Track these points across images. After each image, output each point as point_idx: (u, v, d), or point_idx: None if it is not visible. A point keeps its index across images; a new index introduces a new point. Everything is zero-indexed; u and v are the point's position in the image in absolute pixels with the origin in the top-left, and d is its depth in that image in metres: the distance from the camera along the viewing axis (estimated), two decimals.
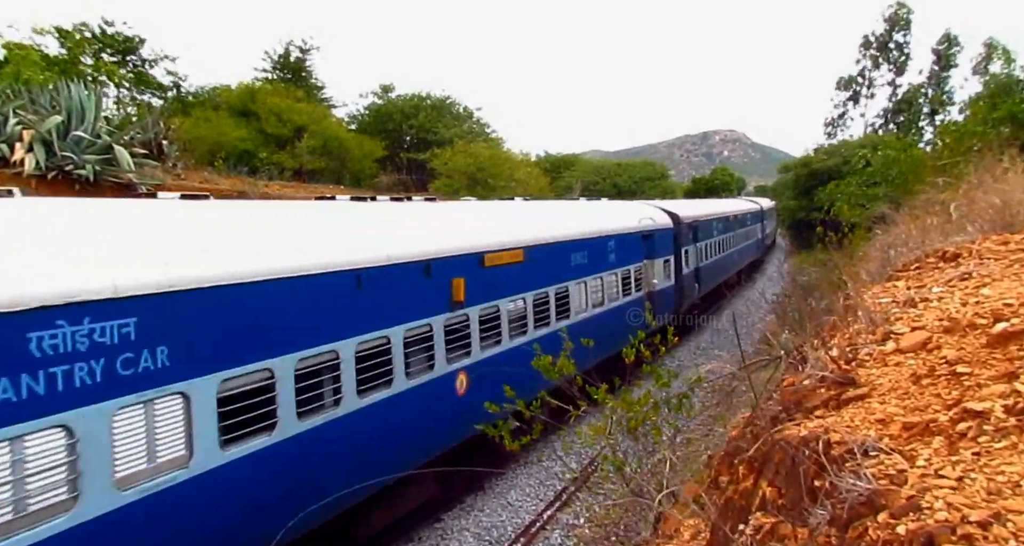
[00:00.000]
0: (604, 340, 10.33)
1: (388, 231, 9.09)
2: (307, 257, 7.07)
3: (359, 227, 8.86)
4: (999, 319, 3.18)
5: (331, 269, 7.28)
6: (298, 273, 6.80)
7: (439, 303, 9.26)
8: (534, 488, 11.51)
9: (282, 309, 6.58)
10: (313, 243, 7.54)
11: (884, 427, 2.65)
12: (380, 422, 7.92)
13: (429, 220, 10.66)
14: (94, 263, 5.19)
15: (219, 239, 6.56)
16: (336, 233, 8.23)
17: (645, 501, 5.12)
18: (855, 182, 26.32)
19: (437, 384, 9.11)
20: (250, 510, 6.28)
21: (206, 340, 5.80)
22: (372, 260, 7.96)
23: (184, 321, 5.60)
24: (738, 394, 10.04)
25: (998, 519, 1.86)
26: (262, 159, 29.34)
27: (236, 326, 6.10)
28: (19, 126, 15.57)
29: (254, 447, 6.20)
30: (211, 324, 5.86)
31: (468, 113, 44.59)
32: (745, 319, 24.61)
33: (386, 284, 8.14)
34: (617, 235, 15.82)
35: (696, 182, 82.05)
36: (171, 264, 5.67)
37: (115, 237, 5.72)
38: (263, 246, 6.84)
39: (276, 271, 6.57)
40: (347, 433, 7.39)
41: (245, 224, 7.32)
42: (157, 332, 5.37)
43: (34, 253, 5.01)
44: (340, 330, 7.32)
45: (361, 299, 7.68)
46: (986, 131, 15.01)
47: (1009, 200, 6.42)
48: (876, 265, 8.26)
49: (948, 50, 51.79)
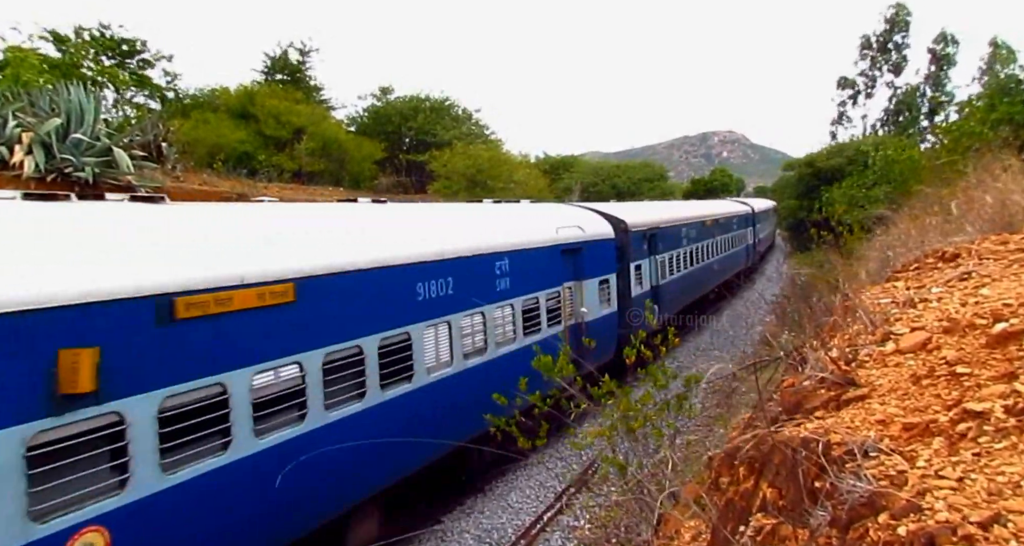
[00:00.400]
0: (485, 404, 7.23)
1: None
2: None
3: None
4: (998, 319, 3.18)
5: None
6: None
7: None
8: (534, 490, 11.51)
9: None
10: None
11: (884, 428, 2.66)
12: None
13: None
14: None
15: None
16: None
17: (646, 501, 5.12)
18: (855, 183, 26.35)
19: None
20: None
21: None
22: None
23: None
24: (738, 394, 10.05)
25: (998, 520, 1.86)
26: (261, 161, 29.35)
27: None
28: (18, 129, 15.59)
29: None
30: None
31: (467, 115, 44.62)
32: (745, 320, 24.61)
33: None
34: (517, 251, 11.66)
35: (695, 183, 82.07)
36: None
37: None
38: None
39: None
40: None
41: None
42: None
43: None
44: None
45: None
46: (984, 131, 15.03)
47: (1007, 200, 6.43)
48: (875, 265, 8.27)
49: (944, 49, 51.64)
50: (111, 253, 5.73)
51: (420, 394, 8.93)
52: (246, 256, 6.77)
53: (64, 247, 5.49)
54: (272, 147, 31.34)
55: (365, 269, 8.14)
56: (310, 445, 6.92)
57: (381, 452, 8.07)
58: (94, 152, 16.28)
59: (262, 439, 6.50)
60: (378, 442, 7.63)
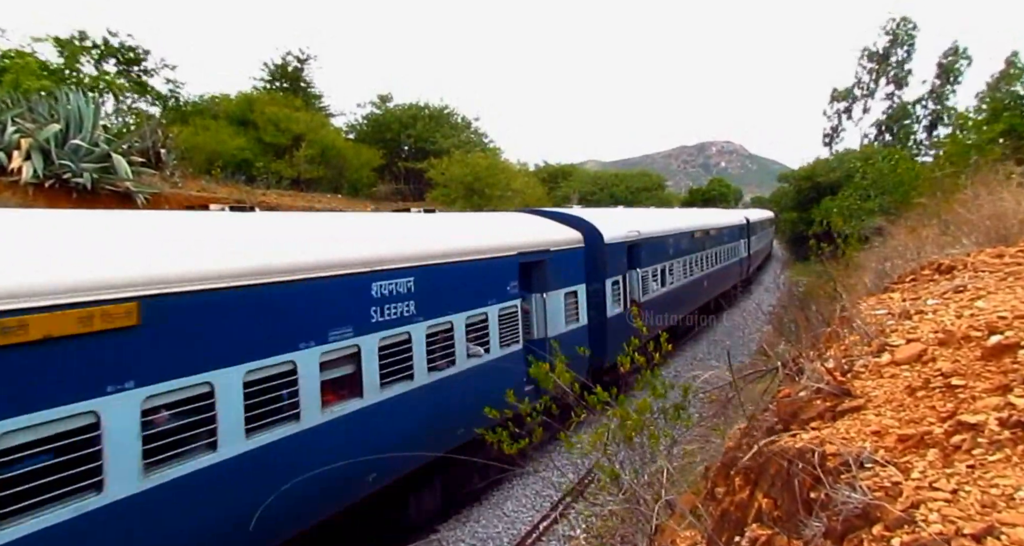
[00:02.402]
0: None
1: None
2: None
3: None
4: (993, 332, 3.20)
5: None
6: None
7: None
8: (530, 499, 11.48)
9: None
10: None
11: (879, 439, 2.66)
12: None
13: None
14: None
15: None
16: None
17: (642, 511, 5.11)
18: (852, 195, 26.43)
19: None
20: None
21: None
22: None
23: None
24: (734, 404, 10.02)
25: (992, 532, 1.87)
26: (259, 168, 29.39)
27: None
28: (17, 134, 15.60)
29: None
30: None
31: (466, 123, 44.77)
32: (742, 330, 24.62)
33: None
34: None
35: (693, 193, 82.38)
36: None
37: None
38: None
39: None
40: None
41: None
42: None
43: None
44: None
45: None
46: (983, 145, 15.11)
47: (1003, 213, 6.47)
48: (872, 277, 8.29)
49: (955, 63, 50.93)
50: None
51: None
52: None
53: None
54: (271, 154, 31.39)
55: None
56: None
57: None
58: (93, 158, 16.30)
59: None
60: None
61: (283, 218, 10.08)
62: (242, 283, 6.73)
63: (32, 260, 5.38)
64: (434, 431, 9.34)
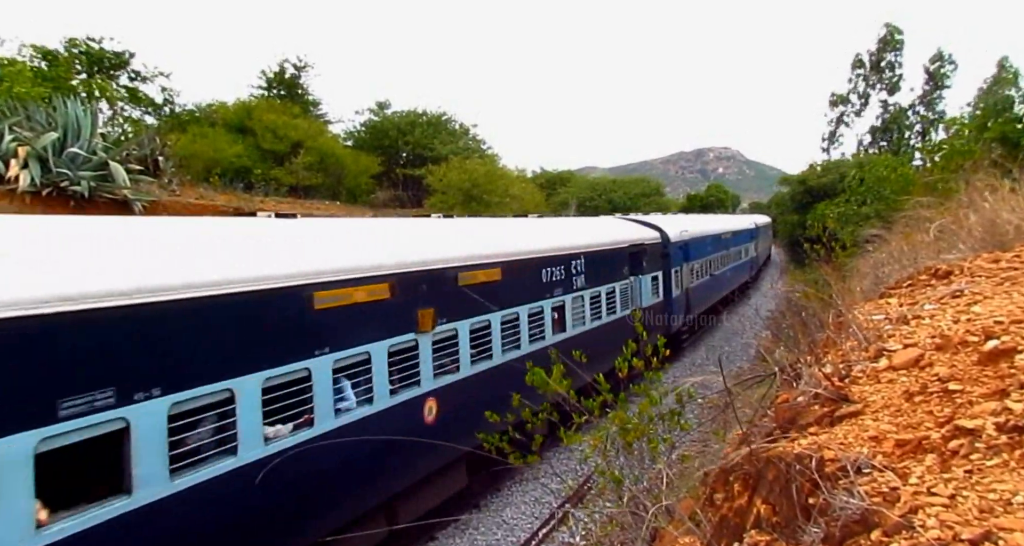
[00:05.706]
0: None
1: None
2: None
3: None
4: (990, 337, 3.20)
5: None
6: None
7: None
8: (529, 506, 11.45)
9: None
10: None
11: (877, 444, 2.66)
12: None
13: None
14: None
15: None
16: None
17: (641, 517, 5.10)
18: (851, 201, 26.45)
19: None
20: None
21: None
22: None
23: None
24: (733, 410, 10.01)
25: (990, 537, 1.87)
26: (258, 175, 29.41)
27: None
28: (15, 143, 15.60)
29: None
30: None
31: (464, 129, 44.87)
32: (740, 336, 24.66)
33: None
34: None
35: (691, 199, 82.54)
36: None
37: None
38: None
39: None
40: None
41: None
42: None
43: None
44: None
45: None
46: (975, 150, 15.15)
47: (998, 218, 6.48)
48: (869, 282, 8.31)
49: (940, 69, 51.66)
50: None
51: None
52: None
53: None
54: (269, 161, 31.43)
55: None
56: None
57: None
58: (90, 166, 16.30)
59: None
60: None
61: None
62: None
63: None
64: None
